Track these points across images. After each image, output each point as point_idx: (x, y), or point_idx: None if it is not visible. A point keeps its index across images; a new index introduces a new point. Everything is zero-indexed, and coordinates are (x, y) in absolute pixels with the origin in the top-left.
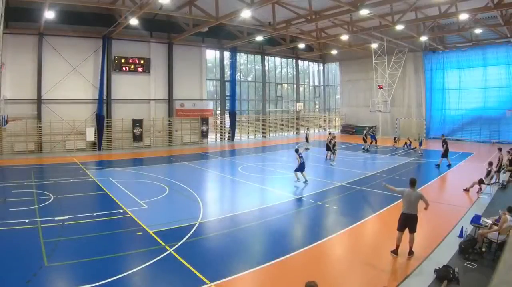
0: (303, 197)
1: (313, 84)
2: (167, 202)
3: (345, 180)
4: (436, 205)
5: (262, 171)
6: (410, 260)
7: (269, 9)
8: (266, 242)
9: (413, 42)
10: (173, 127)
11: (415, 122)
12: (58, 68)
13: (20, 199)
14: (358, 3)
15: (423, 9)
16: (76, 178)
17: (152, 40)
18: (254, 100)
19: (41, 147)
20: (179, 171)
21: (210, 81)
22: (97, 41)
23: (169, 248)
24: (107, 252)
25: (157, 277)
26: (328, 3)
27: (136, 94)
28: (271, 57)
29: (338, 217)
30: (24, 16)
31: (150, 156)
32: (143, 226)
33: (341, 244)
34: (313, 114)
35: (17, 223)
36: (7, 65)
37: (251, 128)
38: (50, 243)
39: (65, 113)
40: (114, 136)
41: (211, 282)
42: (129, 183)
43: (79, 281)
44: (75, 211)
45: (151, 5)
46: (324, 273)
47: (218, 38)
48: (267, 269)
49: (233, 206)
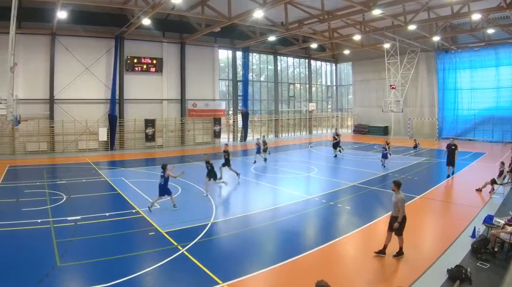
0: (316, 197)
1: (326, 84)
2: (179, 202)
3: (357, 180)
4: (448, 205)
5: (275, 170)
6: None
7: (282, 9)
8: (279, 242)
9: (426, 42)
10: (185, 128)
11: (427, 122)
12: (71, 68)
13: (32, 199)
14: (370, 3)
15: (436, 9)
16: (88, 178)
17: (164, 40)
18: (267, 100)
19: (53, 147)
20: (191, 171)
21: (222, 81)
22: (110, 41)
23: (182, 248)
24: (119, 252)
25: (170, 277)
26: (341, 3)
27: (148, 94)
28: (283, 57)
29: (350, 217)
30: (36, 16)
31: (163, 156)
32: (156, 226)
33: (353, 244)
34: (325, 114)
35: (29, 223)
36: (19, 65)
37: (263, 128)
38: (62, 243)
39: (78, 113)
40: (126, 137)
41: (223, 282)
42: (141, 183)
43: (91, 281)
44: (87, 211)
45: (164, 5)
46: (337, 273)
47: (230, 38)
48: (279, 269)
49: (245, 206)
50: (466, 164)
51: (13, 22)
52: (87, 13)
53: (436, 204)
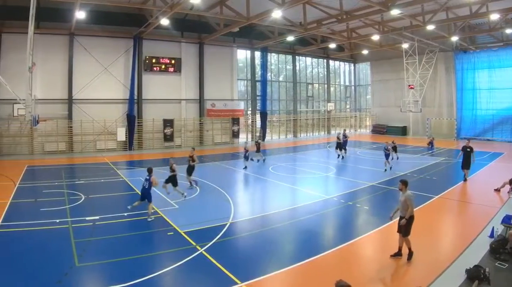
0: (334, 197)
1: (344, 84)
2: (198, 202)
3: (375, 180)
4: (466, 205)
5: (293, 170)
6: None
7: (300, 9)
8: (297, 242)
9: (444, 42)
10: (204, 127)
11: (446, 122)
12: (89, 68)
13: (51, 199)
14: (389, 3)
15: (454, 9)
16: (107, 178)
17: (183, 40)
18: (285, 100)
19: (72, 147)
20: (210, 171)
21: (241, 81)
22: (128, 41)
23: (200, 248)
24: (138, 252)
25: (188, 277)
26: (359, 3)
27: (167, 94)
28: (302, 57)
29: (369, 217)
30: (55, 16)
31: (181, 156)
32: (174, 226)
33: (372, 244)
34: (344, 114)
35: (48, 223)
36: (38, 65)
37: (282, 128)
38: (81, 243)
39: (96, 113)
40: (145, 136)
41: (242, 282)
42: (160, 183)
43: (110, 281)
44: (106, 211)
45: (182, 5)
46: (355, 273)
47: (249, 38)
48: (298, 269)
49: (264, 206)
50: (485, 164)
51: (32, 22)
52: (106, 13)
53: (454, 204)
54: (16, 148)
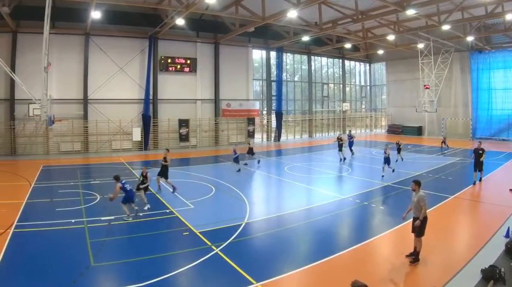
0: (349, 197)
1: (360, 84)
2: (213, 202)
3: (391, 180)
4: (482, 205)
5: (309, 171)
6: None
7: (316, 9)
8: (313, 242)
9: (460, 42)
10: (219, 128)
11: (461, 122)
12: (104, 68)
13: (66, 199)
14: (404, 3)
15: (470, 9)
16: (122, 178)
17: (198, 40)
18: (301, 100)
19: (87, 147)
20: (225, 171)
21: (256, 81)
22: (143, 41)
23: (216, 248)
24: (153, 252)
25: (203, 277)
26: (375, 3)
27: (182, 94)
28: (317, 57)
29: (384, 217)
30: (70, 16)
31: (197, 156)
32: (190, 226)
33: (387, 244)
34: (359, 114)
35: (63, 223)
36: (53, 65)
37: (297, 128)
38: (96, 243)
39: (111, 113)
40: (160, 136)
41: (257, 282)
42: (175, 183)
43: (125, 281)
44: (121, 211)
45: (198, 5)
46: (371, 272)
47: (264, 38)
48: (313, 269)
49: (279, 206)
50: (500, 164)
51: (47, 22)
52: (121, 13)
53: (470, 204)
54: (31, 148)
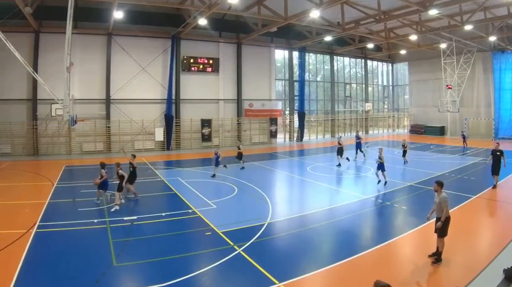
0: (372, 197)
1: (382, 84)
2: (236, 202)
3: (413, 180)
4: (504, 205)
5: (331, 170)
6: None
7: (338, 9)
8: (335, 242)
9: (482, 42)
10: (242, 127)
11: (483, 122)
12: (127, 68)
13: (89, 199)
14: (427, 3)
15: (492, 9)
16: (145, 178)
17: (221, 40)
18: (323, 100)
19: (109, 147)
20: (248, 171)
21: (279, 81)
22: (166, 41)
23: (238, 248)
24: (175, 252)
25: (226, 277)
26: (397, 3)
27: (204, 94)
28: (339, 57)
29: (406, 217)
30: (93, 16)
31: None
32: (212, 226)
33: (409, 244)
34: (381, 114)
35: (86, 223)
36: (76, 65)
37: (319, 128)
38: (118, 243)
39: (134, 113)
40: (182, 136)
41: (280, 282)
42: (198, 183)
43: (147, 281)
44: (143, 211)
45: (220, 5)
46: (394, 273)
47: (287, 38)
48: (336, 269)
49: (302, 206)
50: None
51: (70, 22)
52: (144, 13)
53: (492, 204)
54: (54, 148)
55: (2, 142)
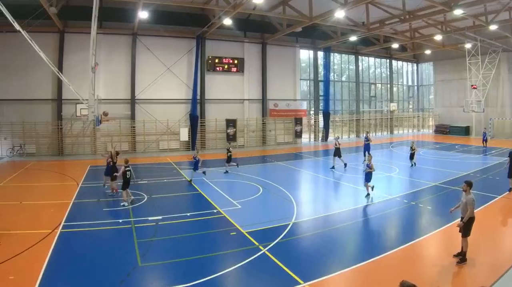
0: (397, 197)
1: (407, 84)
2: (261, 202)
3: (438, 180)
4: None
5: (356, 170)
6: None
7: (363, 9)
8: (360, 242)
9: (507, 42)
10: (266, 128)
11: (509, 122)
12: (152, 68)
13: (113, 199)
14: (452, 3)
15: None
16: (169, 178)
17: (245, 40)
18: (348, 100)
19: (134, 147)
20: (273, 171)
21: (303, 81)
22: (191, 41)
23: (263, 248)
24: (200, 252)
25: (251, 277)
26: (422, 3)
27: (229, 94)
28: (364, 57)
29: (431, 217)
30: (117, 16)
31: (244, 156)
32: (237, 226)
33: (435, 244)
34: (406, 114)
35: (111, 223)
36: (100, 65)
37: (344, 128)
38: (143, 243)
39: (159, 113)
40: (207, 136)
41: (305, 282)
42: (222, 183)
43: (172, 281)
44: (168, 211)
45: (245, 5)
46: (419, 272)
47: (311, 38)
48: (360, 269)
49: (326, 205)
50: None
51: (95, 22)
52: (168, 13)
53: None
54: (78, 148)
55: (27, 142)
